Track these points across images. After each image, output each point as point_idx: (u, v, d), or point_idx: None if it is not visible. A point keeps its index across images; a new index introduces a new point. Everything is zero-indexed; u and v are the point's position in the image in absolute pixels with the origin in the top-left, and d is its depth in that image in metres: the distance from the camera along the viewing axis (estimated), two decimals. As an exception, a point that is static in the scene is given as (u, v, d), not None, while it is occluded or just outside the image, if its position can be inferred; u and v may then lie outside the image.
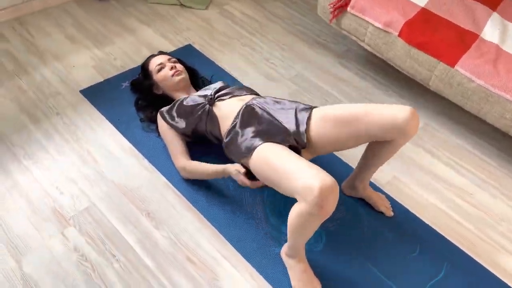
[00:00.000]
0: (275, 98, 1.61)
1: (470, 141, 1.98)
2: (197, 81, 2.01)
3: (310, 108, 1.53)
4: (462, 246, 1.60)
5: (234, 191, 1.69)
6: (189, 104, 1.67)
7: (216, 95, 1.66)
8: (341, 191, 1.72)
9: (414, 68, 1.90)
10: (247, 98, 1.63)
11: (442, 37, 1.83)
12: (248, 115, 1.53)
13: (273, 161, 1.33)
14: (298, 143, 1.47)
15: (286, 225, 1.54)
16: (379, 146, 1.47)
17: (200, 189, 1.66)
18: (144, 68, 1.91)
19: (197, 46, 2.33)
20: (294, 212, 1.24)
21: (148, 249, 1.49)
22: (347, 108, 1.43)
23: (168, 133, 1.72)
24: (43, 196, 1.61)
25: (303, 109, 1.53)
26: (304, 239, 1.33)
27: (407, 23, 1.88)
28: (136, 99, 1.95)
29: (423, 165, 1.86)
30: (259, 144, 1.42)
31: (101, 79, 2.08)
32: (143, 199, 1.63)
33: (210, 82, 2.04)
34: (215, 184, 1.68)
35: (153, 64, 1.85)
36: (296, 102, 1.58)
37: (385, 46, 1.95)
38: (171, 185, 1.68)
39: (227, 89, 1.70)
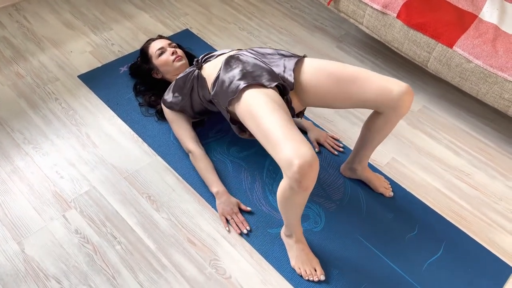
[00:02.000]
0: (262, 47, 1.57)
1: (469, 123, 1.98)
2: (195, 65, 2.01)
3: (299, 56, 1.51)
4: (459, 225, 1.61)
5: (233, 171, 1.70)
6: (180, 76, 1.66)
7: (203, 59, 1.65)
8: (340, 173, 1.73)
9: (412, 50, 1.90)
10: (232, 53, 1.58)
11: (441, 18, 1.83)
12: (232, 62, 1.47)
13: (258, 116, 1.26)
14: (285, 83, 1.43)
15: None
16: (374, 123, 1.47)
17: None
18: (143, 52, 1.90)
19: (194, 31, 2.33)
20: (280, 188, 1.24)
21: (149, 231, 1.51)
22: (345, 67, 1.42)
23: (173, 118, 1.71)
24: (43, 180, 1.62)
25: (291, 56, 1.51)
26: (294, 215, 1.33)
27: (405, 4, 1.87)
28: (134, 83, 1.95)
29: (421, 147, 1.87)
30: (244, 86, 1.34)
31: (99, 65, 2.08)
32: (143, 183, 1.64)
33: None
34: (215, 166, 1.69)
35: (153, 48, 1.84)
36: (283, 50, 1.55)
37: (384, 28, 1.95)
38: (171, 168, 1.69)
39: (214, 52, 1.68)
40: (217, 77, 1.48)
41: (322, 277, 1.41)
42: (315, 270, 1.41)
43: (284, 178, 1.20)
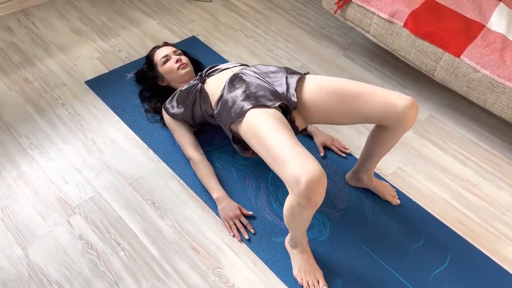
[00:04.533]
0: (266, 64, 1.58)
1: (476, 132, 1.97)
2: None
3: (302, 74, 1.51)
4: (466, 236, 1.59)
5: (237, 179, 1.69)
6: (184, 88, 1.67)
7: (207, 73, 1.65)
8: (345, 182, 1.72)
9: (419, 59, 1.89)
10: (236, 69, 1.60)
11: (448, 27, 1.82)
12: (236, 81, 1.47)
13: (262, 135, 1.26)
14: (289, 103, 1.43)
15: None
16: (379, 135, 1.47)
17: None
18: (149, 59, 1.91)
19: (201, 38, 2.33)
20: (286, 204, 1.23)
21: (152, 238, 1.50)
22: (348, 83, 1.41)
23: (174, 126, 1.72)
24: (48, 185, 1.62)
25: (293, 73, 1.51)
26: (300, 229, 1.33)
27: (412, 13, 1.87)
28: (140, 90, 1.96)
29: (428, 156, 1.85)
30: (248, 108, 1.34)
31: (106, 71, 2.09)
32: (147, 189, 1.64)
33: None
34: (219, 173, 1.69)
35: (158, 56, 1.85)
36: (286, 67, 1.55)
37: (390, 37, 1.95)
38: (175, 175, 1.69)
39: (218, 65, 1.68)
40: (221, 97, 1.49)
41: (325, 289, 1.40)
42: (318, 282, 1.40)
43: (291, 195, 1.18)
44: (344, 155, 1.81)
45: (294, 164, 1.14)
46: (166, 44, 1.98)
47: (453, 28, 1.82)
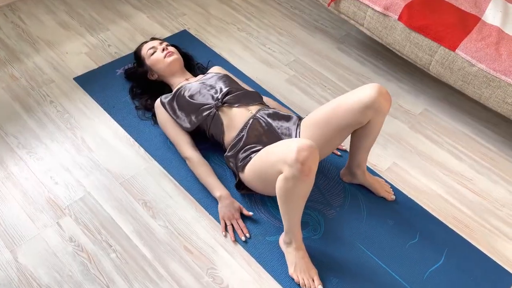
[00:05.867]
0: (279, 112, 1.60)
1: (471, 126, 1.95)
2: (193, 67, 1.98)
3: (300, 119, 1.58)
4: (461, 232, 1.58)
5: (231, 177, 1.66)
6: (194, 101, 1.63)
7: (224, 99, 1.62)
8: (340, 178, 1.70)
9: (414, 53, 1.86)
10: (253, 109, 1.61)
11: (443, 21, 1.79)
12: (254, 132, 1.54)
13: (259, 155, 1.39)
14: None
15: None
16: (359, 129, 1.47)
17: (197, 178, 1.64)
18: (137, 55, 1.87)
19: (192, 32, 2.29)
20: (280, 181, 1.24)
21: (145, 239, 1.48)
22: (322, 108, 1.49)
23: (169, 124, 1.68)
24: (37, 186, 1.59)
25: (294, 120, 1.57)
26: (296, 211, 1.31)
27: (407, 5, 1.84)
28: (130, 86, 1.92)
29: (422, 151, 1.84)
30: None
31: (95, 66, 2.04)
32: (139, 188, 1.61)
33: (206, 69, 2.00)
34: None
35: (145, 49, 1.82)
36: (298, 117, 1.60)
37: (385, 30, 1.91)
38: (167, 173, 1.66)
39: (235, 94, 1.64)
40: (238, 142, 1.53)
41: (320, 288, 1.39)
42: (313, 281, 1.38)
43: (284, 170, 1.21)
44: (339, 153, 1.78)
45: (284, 144, 1.24)
46: (153, 39, 1.94)
47: (448, 21, 1.79)
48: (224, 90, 1.64)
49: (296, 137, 1.51)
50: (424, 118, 1.97)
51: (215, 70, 1.84)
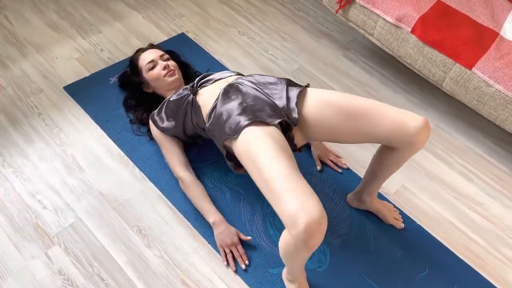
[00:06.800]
0: (263, 74, 1.45)
1: (483, 145, 1.86)
2: (190, 76, 1.86)
3: (303, 86, 1.39)
4: (472, 263, 1.51)
5: (231, 200, 1.57)
6: (174, 99, 1.52)
7: (199, 83, 1.51)
8: (346, 203, 1.61)
9: (427, 68, 1.75)
10: (231, 79, 1.47)
11: (459, 35, 1.68)
12: (231, 92, 1.35)
13: (259, 161, 1.14)
14: (289, 119, 1.31)
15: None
16: (386, 156, 1.36)
17: (195, 202, 1.54)
18: (132, 63, 1.74)
19: (191, 35, 2.16)
20: (282, 241, 1.12)
21: (139, 271, 1.39)
22: (353, 99, 1.29)
23: (163, 140, 1.58)
24: (24, 210, 1.48)
25: (293, 85, 1.38)
26: (298, 266, 1.22)
27: (421, 18, 1.72)
28: (124, 98, 1.80)
29: (432, 172, 1.75)
30: (245, 125, 1.22)
31: (87, 74, 1.91)
32: (133, 214, 1.51)
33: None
34: (211, 194, 1.56)
35: (143, 61, 1.69)
36: (285, 78, 1.42)
37: (396, 42, 1.80)
38: (164, 197, 1.56)
39: (211, 75, 1.54)
40: (214, 108, 1.35)
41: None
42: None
43: (287, 235, 1.07)
44: (340, 170, 1.69)
45: (292, 201, 1.03)
46: (151, 46, 1.81)
47: (464, 36, 1.68)
48: (201, 75, 1.55)
49: (286, 95, 1.32)
50: (435, 135, 1.88)
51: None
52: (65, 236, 1.43)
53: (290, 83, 1.39)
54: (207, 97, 1.43)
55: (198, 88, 1.49)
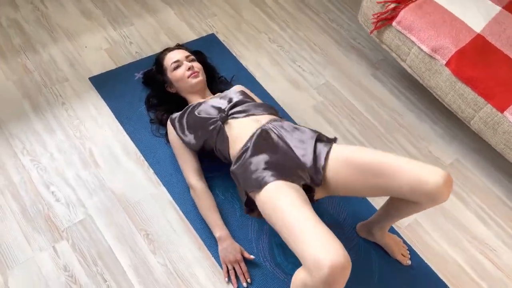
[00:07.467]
0: (294, 124, 1.45)
1: (503, 187, 1.81)
2: (215, 81, 1.85)
3: (330, 142, 1.38)
4: (477, 312, 1.48)
5: (240, 216, 1.57)
6: (200, 116, 1.51)
7: (230, 112, 1.50)
8: (354, 231, 1.60)
9: (456, 103, 1.70)
10: (263, 119, 1.46)
11: (495, 75, 1.62)
12: (262, 142, 1.37)
13: (282, 211, 1.17)
14: (313, 181, 1.33)
15: (292, 265, 1.44)
16: (404, 204, 1.32)
17: (204, 212, 1.55)
18: (158, 62, 1.75)
19: (220, 37, 2.14)
20: (298, 280, 1.10)
21: (142, 276, 1.40)
22: (375, 157, 1.28)
23: (178, 144, 1.58)
24: (37, 201, 1.50)
25: (322, 142, 1.38)
26: None
27: (458, 51, 1.66)
28: (147, 96, 1.80)
29: (448, 210, 1.71)
30: (271, 181, 1.26)
31: (113, 66, 1.92)
32: (143, 217, 1.52)
33: (229, 84, 1.87)
34: (221, 207, 1.56)
35: (169, 60, 1.69)
36: (315, 131, 1.42)
37: (428, 72, 1.75)
38: (175, 204, 1.56)
39: (243, 105, 1.52)
40: (244, 153, 1.37)
41: None
42: None
43: (306, 275, 1.05)
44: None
45: (317, 246, 1.04)
46: (178, 46, 1.80)
47: (500, 77, 1.62)
48: (233, 101, 1.53)
49: (313, 155, 1.34)
50: (454, 170, 1.83)
51: (236, 89, 1.69)
52: (73, 232, 1.46)
53: (318, 138, 1.39)
54: (237, 132, 1.43)
55: (229, 118, 1.47)
